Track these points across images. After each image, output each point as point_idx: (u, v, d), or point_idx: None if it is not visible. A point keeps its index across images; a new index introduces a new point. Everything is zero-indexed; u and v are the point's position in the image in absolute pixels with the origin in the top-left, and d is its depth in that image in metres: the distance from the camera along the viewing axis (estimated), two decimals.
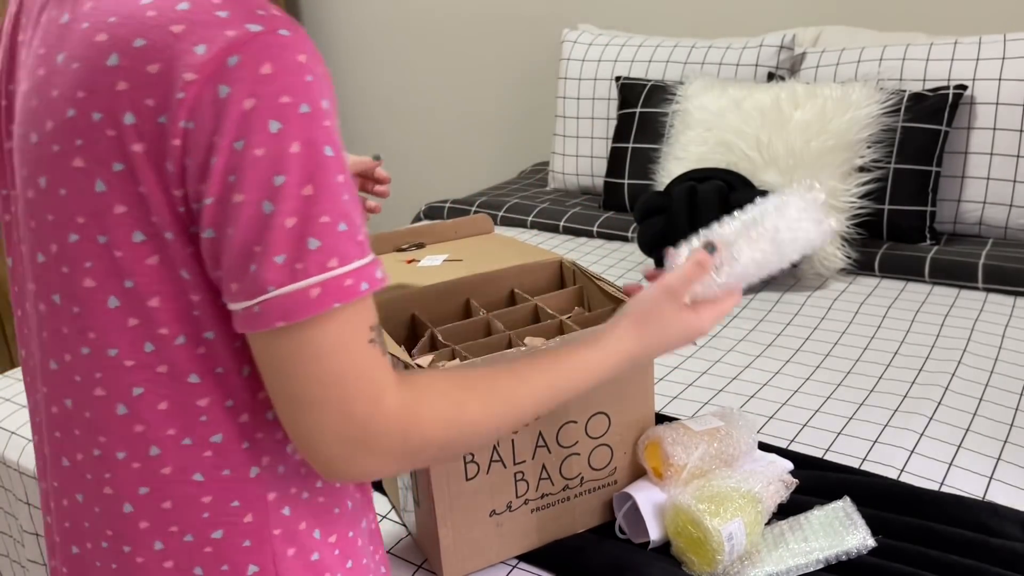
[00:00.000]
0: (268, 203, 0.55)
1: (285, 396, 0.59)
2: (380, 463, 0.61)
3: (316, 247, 0.56)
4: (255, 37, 0.55)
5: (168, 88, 0.55)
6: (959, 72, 1.88)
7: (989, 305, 1.60)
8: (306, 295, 0.56)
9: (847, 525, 0.95)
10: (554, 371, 0.72)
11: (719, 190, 1.71)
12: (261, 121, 0.54)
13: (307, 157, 0.55)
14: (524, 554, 0.98)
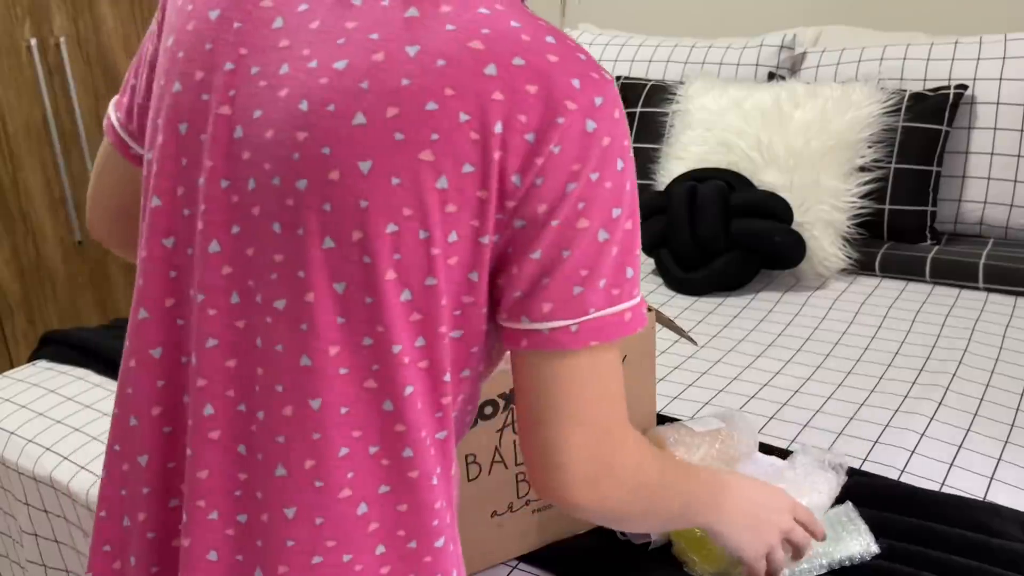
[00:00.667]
0: (604, 232, 0.60)
1: (560, 411, 0.62)
2: (616, 490, 0.65)
3: (630, 276, 0.63)
4: (608, 83, 0.61)
5: (547, 111, 0.58)
6: (960, 72, 1.88)
7: (990, 305, 1.60)
8: (621, 318, 0.62)
9: (851, 531, 0.95)
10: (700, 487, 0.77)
11: (719, 190, 1.70)
12: (613, 158, 0.60)
13: (633, 195, 0.63)
14: (524, 555, 0.98)
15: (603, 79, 0.61)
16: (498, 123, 0.58)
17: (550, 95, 0.58)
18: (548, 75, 0.58)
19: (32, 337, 2.49)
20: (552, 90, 0.58)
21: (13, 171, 2.36)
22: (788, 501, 0.86)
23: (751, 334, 1.54)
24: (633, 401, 1.02)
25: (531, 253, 0.60)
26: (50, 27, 2.39)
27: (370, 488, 0.62)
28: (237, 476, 0.64)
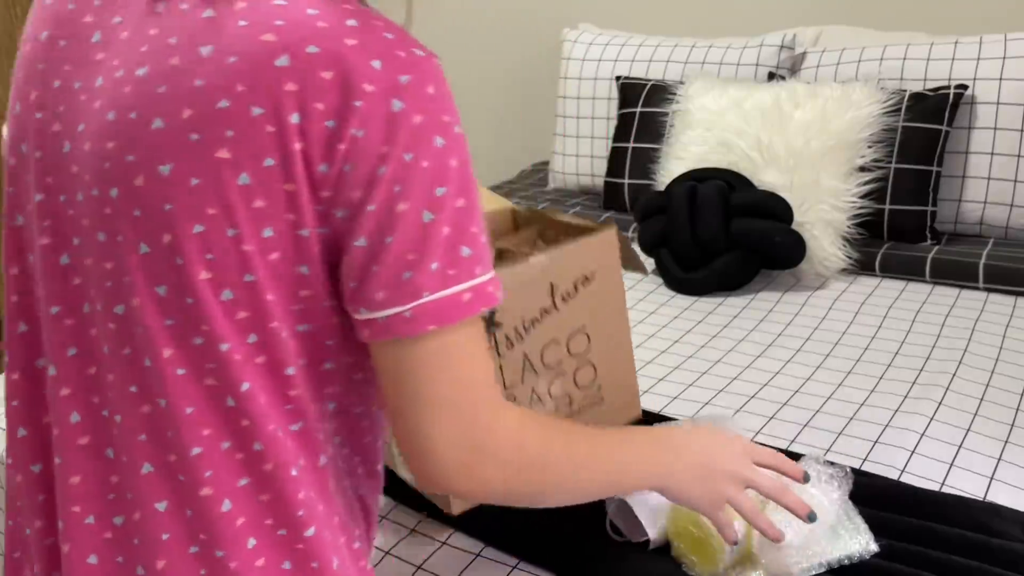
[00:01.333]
0: (428, 212, 0.58)
1: (417, 400, 0.61)
2: (490, 475, 0.64)
3: (468, 255, 0.60)
4: (421, 60, 0.60)
5: (343, 95, 0.57)
6: (960, 72, 1.88)
7: (990, 305, 1.60)
8: (459, 299, 0.60)
9: (850, 529, 0.95)
10: (632, 453, 0.76)
11: (719, 190, 1.70)
12: (428, 136, 0.59)
13: (462, 172, 0.60)
14: (524, 554, 0.98)
15: (412, 57, 0.59)
16: (294, 114, 0.57)
17: (346, 79, 0.57)
18: (344, 59, 0.57)
19: None
20: (349, 74, 0.57)
21: None
22: (743, 447, 0.84)
23: (751, 334, 1.54)
24: (606, 316, 1.01)
25: (355, 241, 0.59)
26: None
27: (230, 483, 0.63)
28: (109, 479, 0.66)
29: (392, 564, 0.98)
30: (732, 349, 1.48)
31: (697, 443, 0.81)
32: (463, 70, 3.03)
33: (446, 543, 1.01)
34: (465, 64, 3.02)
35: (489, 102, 3.01)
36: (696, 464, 0.80)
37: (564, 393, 1.00)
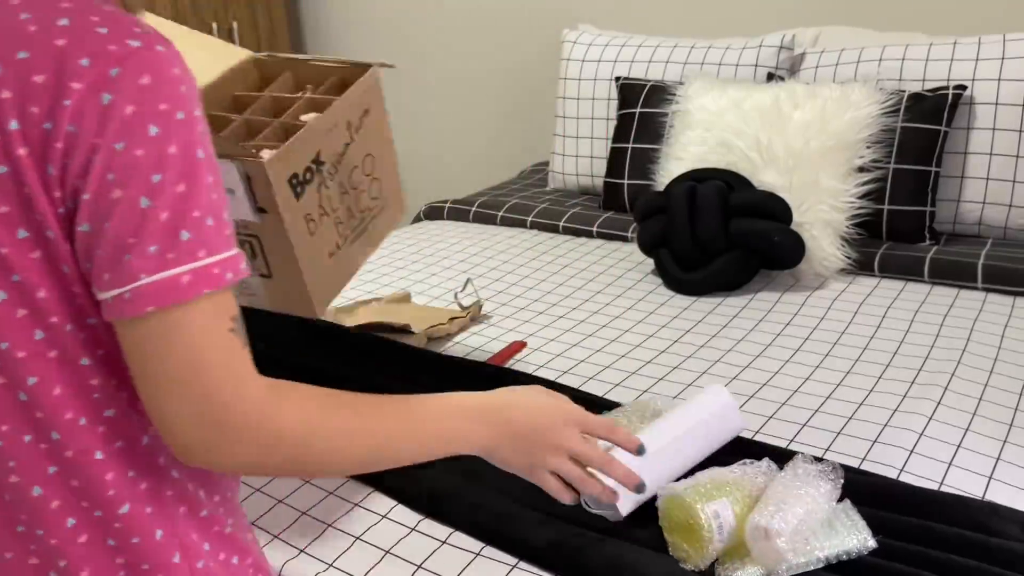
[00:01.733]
0: (145, 199, 0.60)
1: (150, 380, 0.63)
2: (236, 451, 0.65)
3: (187, 238, 0.62)
4: (135, 51, 0.61)
5: (55, 96, 0.59)
6: (958, 72, 1.89)
7: (988, 305, 1.60)
8: (177, 281, 0.61)
9: (847, 525, 0.95)
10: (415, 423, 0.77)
11: (719, 190, 1.71)
12: (141, 125, 0.60)
13: (182, 158, 0.61)
14: (524, 554, 0.98)
15: (124, 50, 0.61)
16: (12, 121, 0.60)
17: (57, 80, 0.59)
18: (53, 61, 0.60)
19: None
20: (59, 75, 0.60)
21: None
22: (570, 418, 0.86)
23: (750, 334, 1.54)
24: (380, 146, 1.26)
25: (79, 227, 0.61)
26: None
27: (39, 472, 0.67)
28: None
29: (392, 564, 0.98)
30: (731, 349, 1.48)
31: (517, 412, 0.83)
32: (463, 70, 3.04)
33: (446, 543, 1.01)
34: (465, 64, 3.02)
35: (489, 102, 3.01)
36: (513, 434, 0.83)
37: (365, 207, 1.25)
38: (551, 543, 0.98)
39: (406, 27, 3.10)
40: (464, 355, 1.49)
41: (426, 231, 2.26)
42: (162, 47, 0.62)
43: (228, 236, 0.64)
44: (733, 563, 0.93)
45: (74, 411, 0.66)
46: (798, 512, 0.92)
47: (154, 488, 0.70)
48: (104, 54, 0.60)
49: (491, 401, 0.83)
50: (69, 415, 0.66)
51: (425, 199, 3.27)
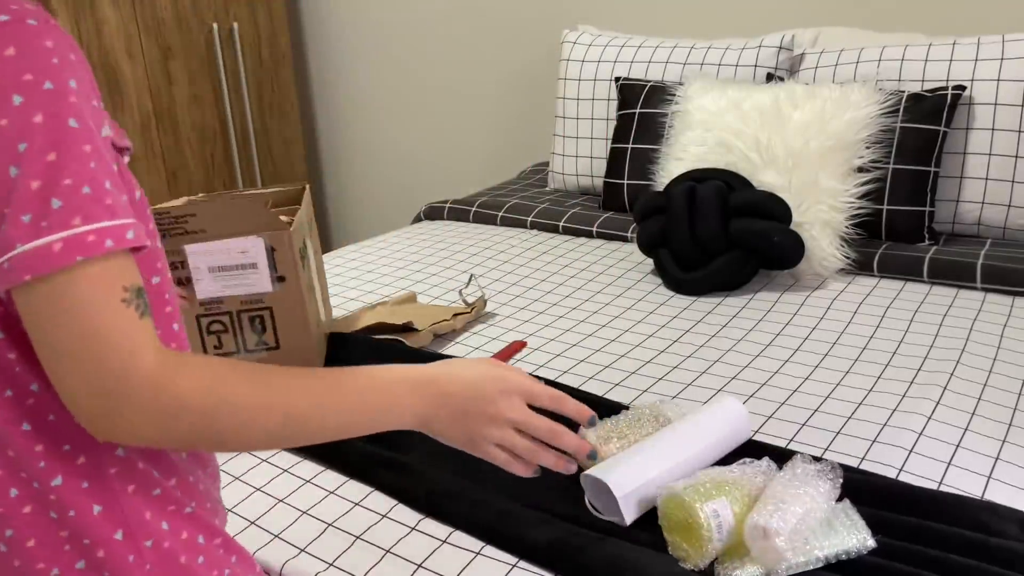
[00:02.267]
0: (13, 168, 0.60)
1: (46, 350, 0.63)
2: (135, 421, 0.64)
3: (59, 206, 0.61)
4: (2, 25, 0.61)
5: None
6: (957, 73, 1.89)
7: (987, 305, 1.61)
8: (50, 249, 0.61)
9: (847, 525, 0.95)
10: (339, 395, 0.75)
11: (718, 190, 1.71)
12: (5, 95, 0.61)
13: (51, 127, 0.61)
14: (524, 554, 0.98)
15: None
16: None
17: None
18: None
19: None
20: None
21: None
22: (515, 387, 0.83)
23: (750, 334, 1.54)
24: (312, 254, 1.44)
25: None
26: None
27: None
28: None
29: (392, 564, 0.99)
30: (731, 349, 1.49)
31: (454, 383, 0.81)
32: (463, 70, 3.04)
33: (446, 542, 1.01)
34: (465, 65, 3.02)
35: (489, 103, 3.01)
36: (449, 406, 0.80)
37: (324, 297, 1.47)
38: (551, 542, 0.99)
39: (406, 27, 3.10)
40: (464, 355, 1.49)
41: (426, 231, 2.26)
42: (35, 20, 0.63)
43: (109, 205, 0.64)
44: (733, 562, 0.93)
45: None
46: (797, 511, 0.92)
47: (93, 463, 0.69)
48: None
49: (425, 372, 0.80)
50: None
51: (425, 199, 3.27)
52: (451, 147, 3.16)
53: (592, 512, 1.02)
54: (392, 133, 3.28)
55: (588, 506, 1.03)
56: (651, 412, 1.16)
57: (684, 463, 1.04)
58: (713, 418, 1.10)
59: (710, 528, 0.92)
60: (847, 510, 0.98)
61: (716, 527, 0.92)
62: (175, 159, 2.80)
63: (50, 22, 0.64)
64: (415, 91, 3.17)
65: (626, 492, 0.99)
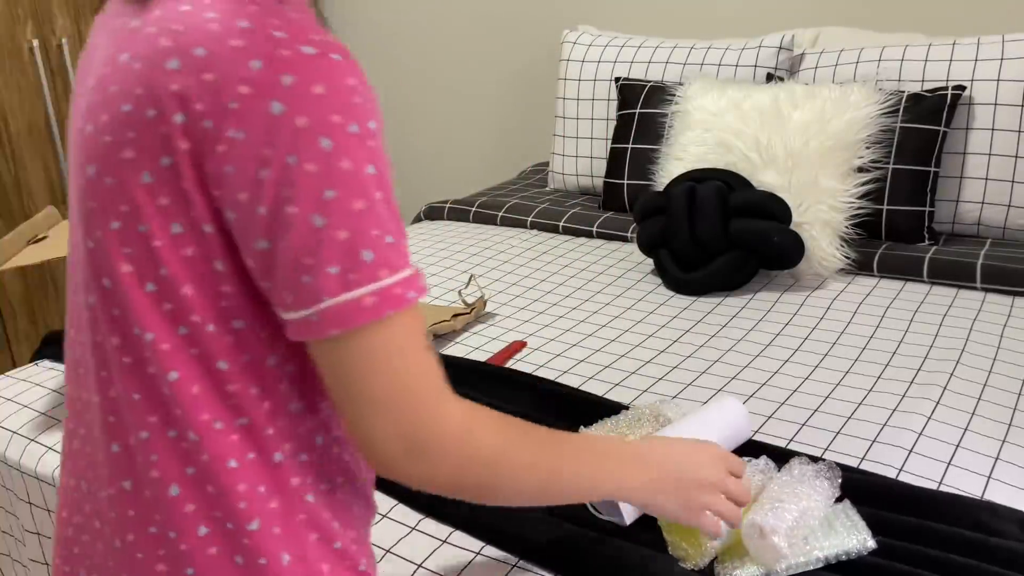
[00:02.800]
0: (319, 216, 0.58)
1: (348, 398, 0.62)
2: (436, 467, 0.64)
3: (369, 259, 0.60)
4: (310, 59, 0.59)
5: (220, 96, 0.58)
6: (957, 73, 1.89)
7: (987, 305, 1.61)
8: (360, 304, 0.59)
9: (847, 525, 0.95)
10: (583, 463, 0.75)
11: (718, 190, 1.71)
12: (313, 138, 0.58)
13: (355, 173, 0.59)
14: (524, 554, 0.99)
15: (297, 56, 0.58)
16: (178, 114, 0.59)
17: (224, 80, 0.58)
18: (225, 60, 0.58)
19: (34, 337, 2.50)
20: (227, 75, 0.58)
21: (15, 171, 2.37)
22: (714, 454, 0.87)
23: (750, 334, 1.54)
24: None
25: (255, 243, 0.60)
26: (52, 28, 2.39)
27: (177, 470, 0.65)
28: (86, 454, 0.72)
29: (392, 563, 0.99)
30: (731, 349, 1.49)
31: (672, 457, 0.83)
32: (463, 70, 3.04)
33: (446, 542, 1.02)
34: (465, 65, 3.02)
35: (489, 103, 3.01)
36: (668, 477, 0.82)
37: None
38: (551, 542, 0.99)
39: (406, 27, 3.10)
40: (464, 355, 1.50)
41: (426, 231, 2.26)
42: (338, 55, 0.60)
43: (405, 253, 0.62)
44: (732, 562, 0.93)
45: (211, 414, 0.64)
46: (794, 510, 0.92)
47: (285, 509, 0.67)
48: (277, 59, 0.58)
49: (652, 447, 0.83)
50: (205, 417, 0.64)
51: (425, 199, 3.27)
52: (451, 147, 3.16)
53: (592, 512, 1.02)
54: (392, 133, 3.28)
55: (588, 506, 1.03)
56: (651, 412, 1.16)
57: None
58: (713, 418, 1.10)
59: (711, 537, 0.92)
60: (847, 511, 0.98)
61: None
62: None
63: (349, 56, 0.61)
64: (415, 91, 3.17)
65: None
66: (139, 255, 0.63)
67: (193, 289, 0.63)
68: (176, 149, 0.60)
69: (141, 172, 0.61)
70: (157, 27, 0.62)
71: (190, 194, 0.61)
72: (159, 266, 0.63)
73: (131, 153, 0.61)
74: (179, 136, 0.59)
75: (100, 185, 0.64)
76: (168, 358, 0.64)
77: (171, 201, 0.61)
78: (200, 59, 0.59)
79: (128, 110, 0.61)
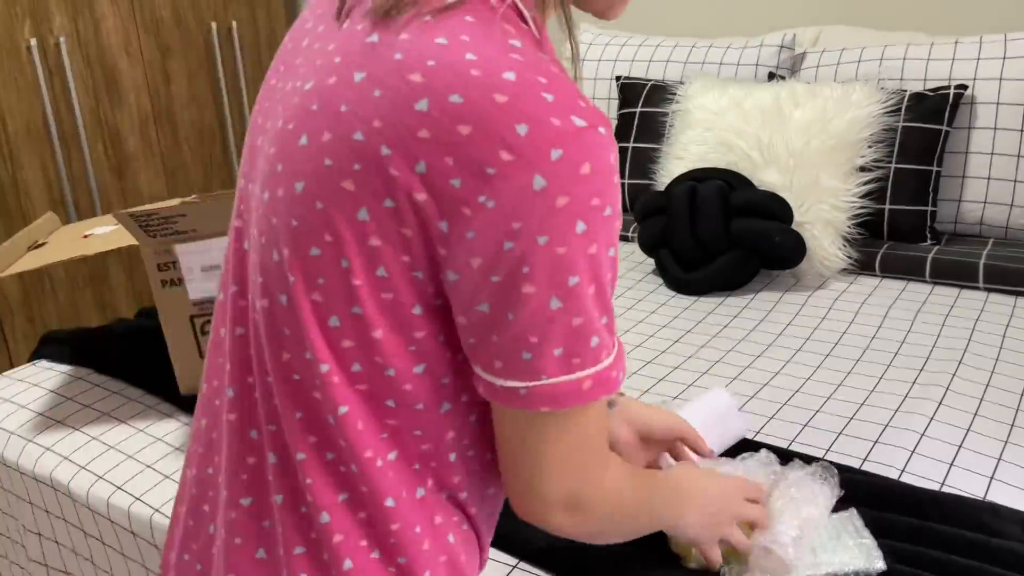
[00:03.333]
0: (557, 300, 0.55)
1: (527, 459, 0.61)
2: (590, 518, 0.65)
3: (594, 344, 0.58)
4: (580, 133, 0.53)
5: (475, 156, 0.53)
6: (960, 72, 1.88)
7: (990, 305, 1.60)
8: (579, 386, 0.58)
9: (856, 540, 0.94)
10: (658, 498, 0.76)
11: (719, 190, 1.70)
12: (570, 220, 0.53)
13: (599, 259, 0.56)
14: (524, 554, 0.98)
15: (569, 127, 0.53)
16: (420, 162, 0.54)
17: (484, 139, 0.52)
18: (487, 116, 0.52)
19: (32, 337, 2.49)
20: (487, 134, 0.52)
21: (13, 171, 2.36)
22: (740, 488, 0.90)
23: (751, 334, 1.54)
24: None
25: (477, 305, 0.56)
26: (50, 27, 2.39)
27: (329, 496, 0.63)
28: (247, 462, 0.68)
29: None
30: (732, 349, 1.48)
31: (705, 488, 0.86)
32: None
33: None
34: None
35: None
36: (704, 509, 0.85)
37: None
38: (551, 543, 0.98)
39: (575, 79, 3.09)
40: None
41: None
42: (604, 129, 0.55)
43: (614, 330, 0.61)
44: (739, 567, 0.92)
45: (373, 450, 0.62)
46: (795, 524, 0.92)
47: (434, 551, 0.66)
48: (546, 127, 0.52)
49: (687, 478, 0.85)
50: (368, 453, 0.62)
51: None
52: None
53: None
54: None
55: None
56: None
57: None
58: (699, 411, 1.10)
59: None
60: (855, 522, 0.96)
61: None
62: (173, 159, 2.79)
63: (610, 127, 0.57)
64: None
65: None
66: (332, 288, 0.59)
67: (384, 332, 0.59)
68: (409, 196, 0.55)
69: (359, 208, 0.56)
70: (405, 55, 0.56)
71: (411, 243, 0.56)
72: (352, 304, 0.59)
73: (352, 186, 0.56)
74: (417, 185, 0.54)
75: (307, 206, 0.59)
76: (339, 391, 0.61)
77: (383, 243, 0.56)
78: (456, 108, 0.53)
79: (360, 140, 0.56)
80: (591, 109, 0.55)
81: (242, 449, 0.67)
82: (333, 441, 0.62)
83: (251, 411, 0.67)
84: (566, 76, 0.56)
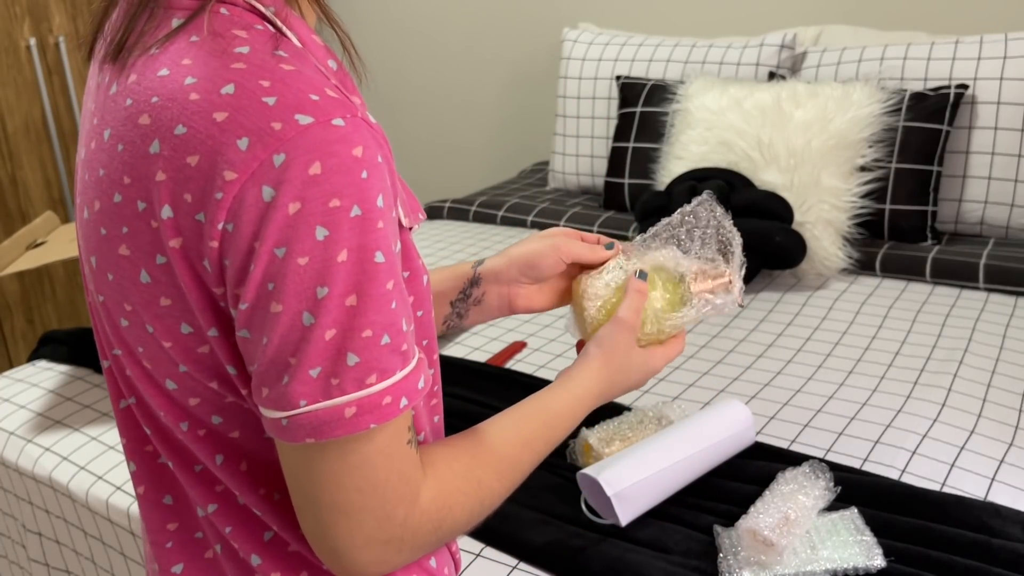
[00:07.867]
0: (308, 315, 0.51)
1: (315, 504, 0.55)
2: (414, 556, 0.59)
3: (355, 363, 0.52)
4: (304, 131, 0.49)
5: (207, 184, 0.50)
6: (960, 71, 1.88)
7: (990, 305, 1.60)
8: (340, 413, 0.52)
9: (859, 540, 0.94)
10: (544, 425, 0.69)
11: (720, 189, 1.70)
12: (308, 227, 0.49)
13: (355, 265, 0.51)
14: (524, 555, 0.98)
15: (292, 129, 0.49)
16: (165, 207, 0.52)
17: (211, 165, 0.50)
18: (210, 140, 0.50)
19: (31, 337, 2.49)
20: (213, 158, 0.50)
21: (12, 170, 2.36)
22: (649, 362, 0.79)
23: (752, 334, 1.53)
24: None
25: (239, 332, 0.54)
26: (49, 26, 2.38)
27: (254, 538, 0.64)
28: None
29: None
30: (733, 349, 1.48)
31: (614, 380, 0.76)
32: (464, 69, 3.03)
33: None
34: (466, 63, 3.01)
35: (489, 102, 3.01)
36: (617, 386, 0.76)
37: None
38: (551, 544, 0.98)
39: (406, 26, 3.10)
40: (464, 355, 1.49)
41: (426, 231, 2.25)
42: (341, 120, 0.50)
43: (405, 351, 0.54)
44: (737, 562, 0.92)
45: (265, 489, 0.62)
46: (780, 506, 0.93)
47: None
48: (267, 134, 0.49)
49: (597, 384, 0.75)
50: (261, 491, 0.62)
51: (425, 198, 3.26)
52: (451, 146, 3.15)
53: (588, 516, 1.01)
54: (392, 132, 3.28)
55: (584, 510, 1.02)
56: (653, 414, 1.15)
57: (682, 464, 1.03)
58: (715, 422, 1.09)
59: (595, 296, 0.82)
60: (856, 521, 0.96)
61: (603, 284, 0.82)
62: None
63: (357, 115, 0.52)
64: (415, 90, 3.17)
65: (618, 491, 0.98)
66: (152, 354, 0.58)
67: (219, 384, 0.58)
68: (167, 248, 0.53)
69: (139, 270, 0.55)
70: (133, 99, 0.54)
71: (188, 294, 0.54)
72: (175, 364, 0.58)
73: (126, 250, 0.55)
74: (169, 232, 0.52)
75: (102, 281, 0.58)
76: (196, 444, 0.61)
77: (173, 302, 0.55)
78: (182, 139, 0.51)
79: (119, 201, 0.54)
80: (326, 101, 0.51)
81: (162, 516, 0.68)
82: (216, 489, 0.64)
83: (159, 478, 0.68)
84: (305, 70, 0.52)
